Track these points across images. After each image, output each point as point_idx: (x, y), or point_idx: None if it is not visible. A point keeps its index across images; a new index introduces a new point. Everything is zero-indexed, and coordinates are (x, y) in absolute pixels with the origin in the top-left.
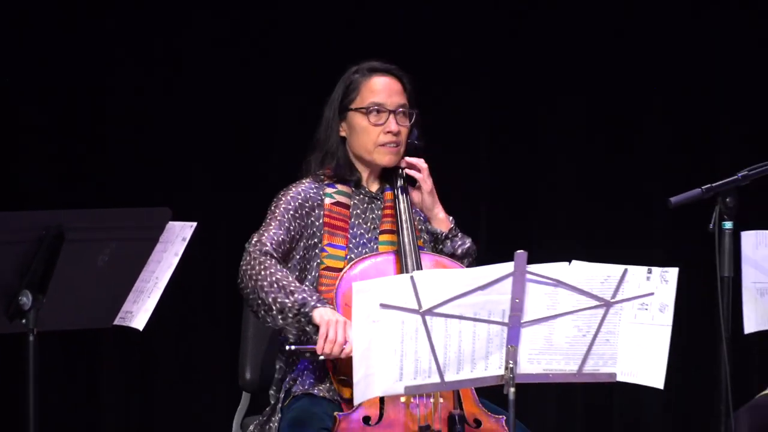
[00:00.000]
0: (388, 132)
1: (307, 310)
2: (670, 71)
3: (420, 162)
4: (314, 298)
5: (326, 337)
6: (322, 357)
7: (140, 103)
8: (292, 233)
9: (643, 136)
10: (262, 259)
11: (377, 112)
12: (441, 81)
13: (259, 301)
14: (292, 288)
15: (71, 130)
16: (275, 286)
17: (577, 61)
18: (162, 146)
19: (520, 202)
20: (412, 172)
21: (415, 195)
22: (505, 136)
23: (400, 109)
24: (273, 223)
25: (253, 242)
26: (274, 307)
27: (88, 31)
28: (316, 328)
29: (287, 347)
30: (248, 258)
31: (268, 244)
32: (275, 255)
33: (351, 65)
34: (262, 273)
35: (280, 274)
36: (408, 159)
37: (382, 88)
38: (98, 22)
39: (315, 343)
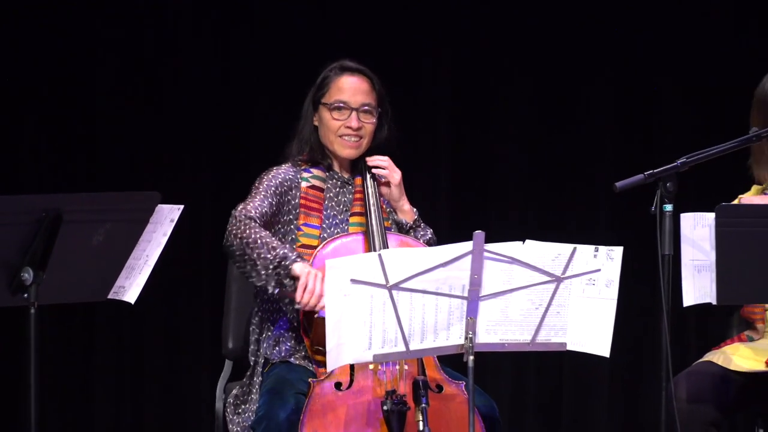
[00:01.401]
0: (348, 127)
1: (287, 263)
2: (617, 60)
3: (383, 159)
4: (294, 254)
5: (305, 287)
6: (298, 306)
7: (131, 96)
8: (274, 208)
9: (592, 124)
10: (247, 222)
11: (340, 109)
12: (405, 76)
13: (246, 257)
14: (274, 245)
15: (66, 122)
16: (259, 242)
17: (527, 51)
18: (152, 136)
19: (478, 185)
20: (377, 171)
21: (384, 187)
22: (463, 125)
23: (364, 107)
24: (257, 196)
25: (239, 209)
26: (258, 262)
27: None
28: (293, 282)
29: (271, 291)
30: (234, 221)
31: (253, 212)
32: (258, 221)
33: (329, 61)
34: (247, 231)
35: (263, 233)
36: (369, 159)
37: (348, 87)
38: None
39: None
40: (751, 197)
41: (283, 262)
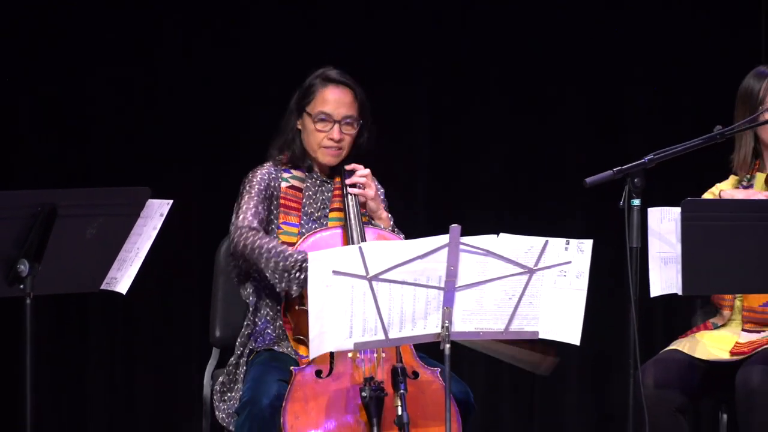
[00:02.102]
0: (330, 138)
1: (306, 265)
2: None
3: (360, 176)
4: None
5: None
6: None
7: (122, 96)
8: (266, 211)
9: (565, 121)
10: (252, 233)
11: (323, 120)
12: (384, 76)
13: (261, 267)
14: (288, 252)
15: (61, 121)
16: (272, 252)
17: (502, 50)
18: (143, 134)
19: (454, 180)
20: (352, 191)
21: (362, 202)
22: (440, 122)
23: (347, 120)
24: (251, 202)
25: (240, 219)
26: (276, 272)
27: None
28: None
29: (293, 293)
30: (239, 233)
31: (255, 221)
32: (260, 229)
33: (313, 65)
34: (258, 242)
35: (273, 242)
36: (349, 173)
37: (332, 100)
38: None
39: None
40: (732, 191)
41: (304, 265)
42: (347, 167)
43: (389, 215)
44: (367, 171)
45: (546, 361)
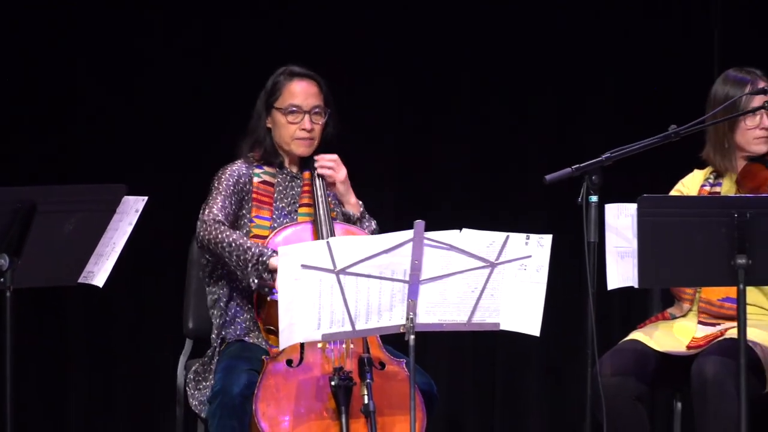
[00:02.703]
0: (303, 129)
1: (264, 258)
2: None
3: (330, 158)
4: (267, 249)
5: None
6: (277, 293)
7: (100, 97)
8: (234, 206)
9: (526, 119)
10: (216, 226)
11: (294, 113)
12: (353, 74)
13: (224, 259)
14: (249, 245)
15: (41, 120)
16: (233, 245)
17: (467, 50)
18: (119, 134)
19: (419, 177)
20: (323, 172)
21: (330, 184)
22: (407, 120)
23: (315, 110)
24: (219, 197)
25: (206, 213)
26: (239, 263)
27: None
28: (272, 275)
29: (252, 281)
30: (204, 226)
31: (220, 215)
32: (225, 222)
33: (279, 66)
34: (220, 236)
35: (234, 235)
36: (318, 158)
37: (299, 92)
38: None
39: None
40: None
41: (261, 259)
42: (317, 159)
43: (359, 201)
44: (336, 156)
45: None
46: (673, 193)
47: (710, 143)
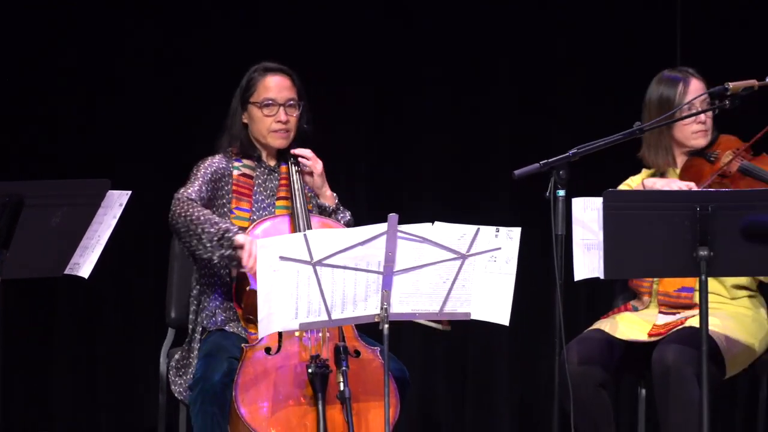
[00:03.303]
0: (278, 121)
1: (230, 234)
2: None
3: (306, 152)
4: (235, 226)
5: (249, 253)
6: (244, 269)
7: (84, 92)
8: (209, 193)
9: (497, 113)
10: (189, 202)
11: (269, 106)
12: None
13: (191, 232)
14: (216, 220)
15: (28, 118)
16: (202, 218)
17: (438, 44)
18: (104, 130)
19: (394, 172)
20: (302, 161)
21: (307, 176)
22: (380, 116)
23: (290, 102)
24: (196, 182)
25: (180, 192)
26: (204, 236)
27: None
28: (237, 251)
29: (215, 261)
30: (177, 202)
31: (194, 195)
32: (197, 201)
33: (253, 64)
34: (190, 210)
35: (205, 211)
36: (294, 151)
37: (273, 86)
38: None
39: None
40: (653, 180)
41: (226, 234)
42: (294, 152)
43: (334, 194)
44: (310, 151)
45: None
46: (621, 188)
47: (646, 143)
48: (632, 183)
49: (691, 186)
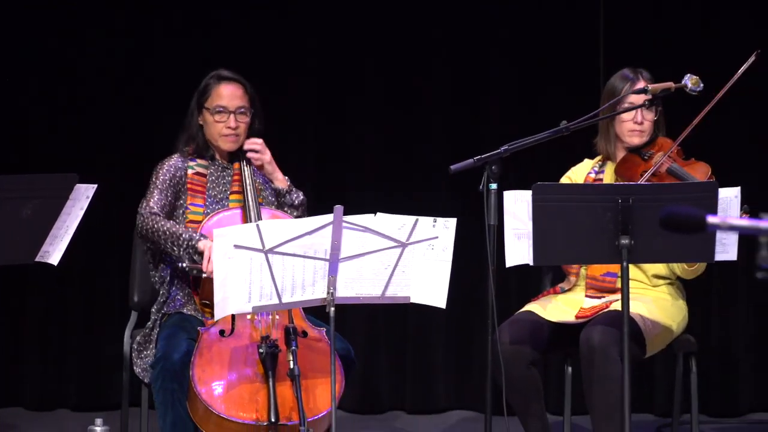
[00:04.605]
0: (228, 127)
1: (193, 243)
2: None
3: (256, 143)
4: (197, 234)
5: (209, 258)
6: (205, 274)
7: (54, 95)
8: (170, 198)
9: (434, 109)
10: (152, 218)
11: (221, 112)
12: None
13: (160, 246)
14: (180, 232)
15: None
16: (167, 233)
17: (378, 40)
18: (71, 127)
19: (338, 166)
20: (250, 155)
21: (259, 165)
22: (325, 113)
23: (240, 110)
24: (155, 191)
25: (143, 207)
26: (172, 249)
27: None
28: (200, 256)
29: (182, 266)
30: (141, 218)
31: (156, 207)
32: (161, 213)
33: (210, 70)
34: (155, 226)
35: (168, 224)
36: (246, 143)
37: (226, 94)
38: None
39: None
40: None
41: (190, 243)
42: (245, 144)
43: (286, 177)
44: (261, 140)
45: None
46: (563, 180)
47: (600, 131)
48: (572, 175)
49: None
